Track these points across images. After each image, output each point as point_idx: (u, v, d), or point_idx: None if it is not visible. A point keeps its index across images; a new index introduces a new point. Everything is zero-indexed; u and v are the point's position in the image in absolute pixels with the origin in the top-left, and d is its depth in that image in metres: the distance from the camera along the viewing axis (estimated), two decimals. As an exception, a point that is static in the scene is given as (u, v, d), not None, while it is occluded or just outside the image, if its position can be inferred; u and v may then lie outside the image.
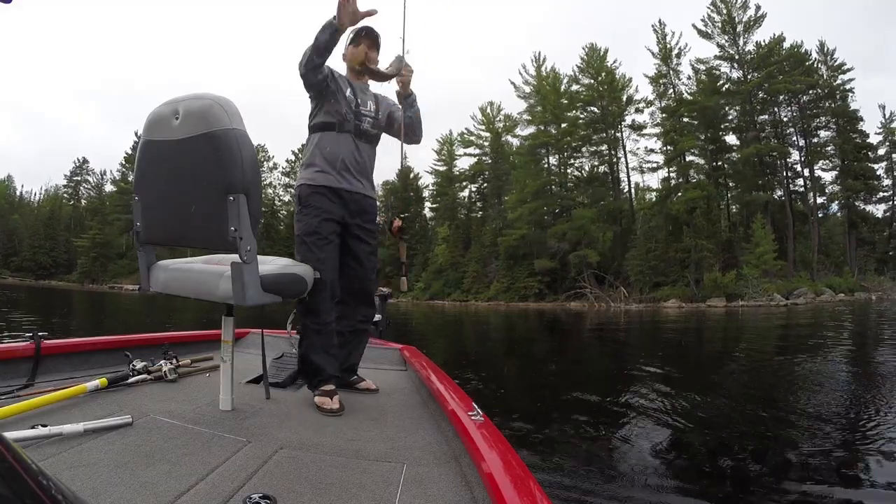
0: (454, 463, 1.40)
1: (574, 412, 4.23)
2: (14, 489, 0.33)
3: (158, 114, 1.49)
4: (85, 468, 1.15)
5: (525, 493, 1.03)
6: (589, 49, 34.06)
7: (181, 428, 1.48)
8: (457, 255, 38.04)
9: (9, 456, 0.34)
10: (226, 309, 1.65)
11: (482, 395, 4.84)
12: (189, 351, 2.59)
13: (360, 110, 2.11)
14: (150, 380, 2.03)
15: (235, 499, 1.07)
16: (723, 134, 31.42)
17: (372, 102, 2.18)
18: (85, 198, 54.95)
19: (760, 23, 29.97)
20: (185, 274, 1.61)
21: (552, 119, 33.26)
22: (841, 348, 8.43)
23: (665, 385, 4.94)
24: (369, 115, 2.14)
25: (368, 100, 2.17)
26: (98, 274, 46.79)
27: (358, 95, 2.12)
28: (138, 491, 1.06)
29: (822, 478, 2.61)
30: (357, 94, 2.12)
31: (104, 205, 50.69)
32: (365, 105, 2.14)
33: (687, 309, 23.44)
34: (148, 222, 1.65)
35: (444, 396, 1.79)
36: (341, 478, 1.24)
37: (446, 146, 43.03)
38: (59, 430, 1.31)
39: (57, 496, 0.36)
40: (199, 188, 1.43)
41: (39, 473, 0.36)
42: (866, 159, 30.67)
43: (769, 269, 25.81)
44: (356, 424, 1.68)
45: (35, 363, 1.95)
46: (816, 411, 3.99)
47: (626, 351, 9.22)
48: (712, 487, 2.62)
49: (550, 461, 3.02)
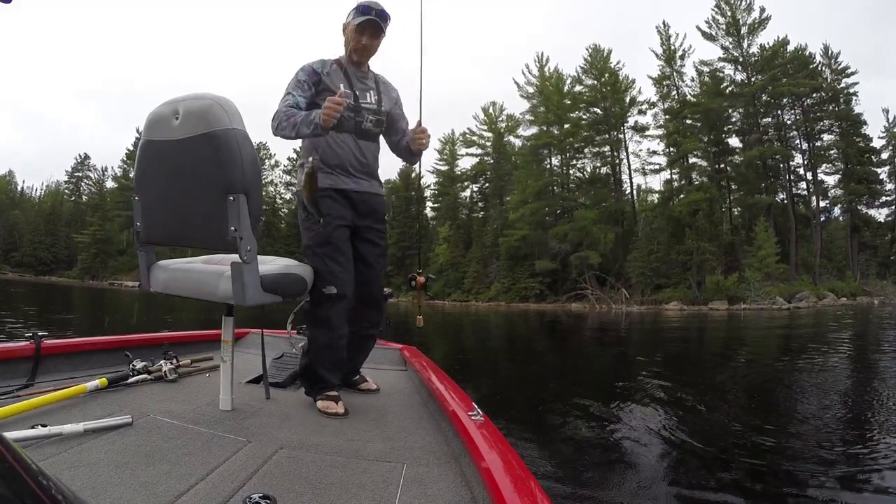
0: (454, 463, 1.40)
1: (574, 413, 4.23)
2: (14, 489, 0.33)
3: (158, 114, 1.49)
4: (85, 468, 1.15)
5: (525, 493, 1.03)
6: (592, 50, 34.10)
7: (181, 428, 1.48)
8: (457, 255, 38.03)
9: (9, 456, 0.34)
10: (226, 309, 1.65)
11: (482, 395, 4.84)
12: (189, 351, 2.59)
13: (361, 104, 1.94)
14: (150, 380, 2.03)
15: (235, 499, 1.07)
16: (725, 137, 31.37)
17: (373, 93, 2.00)
18: (86, 194, 54.81)
19: (765, 25, 29.90)
20: (186, 274, 1.61)
21: (555, 120, 33.22)
22: (846, 353, 8.35)
23: (666, 389, 4.93)
24: (371, 108, 1.97)
25: (369, 90, 2.00)
26: (98, 270, 46.68)
27: (356, 86, 1.95)
28: (138, 491, 1.06)
29: (825, 483, 2.60)
30: (355, 85, 1.95)
31: (105, 201, 50.61)
32: (365, 97, 1.97)
33: (689, 312, 23.36)
34: (148, 222, 1.65)
35: (444, 396, 1.79)
36: (341, 478, 1.24)
37: (448, 146, 43.02)
38: (59, 430, 1.31)
39: (57, 496, 0.36)
40: (200, 188, 1.43)
41: (39, 473, 0.36)
42: (869, 163, 30.56)
43: (771, 273, 25.72)
44: (356, 424, 1.68)
45: (35, 363, 1.95)
46: (821, 419, 3.93)
47: (627, 353, 9.18)
48: (712, 489, 2.62)
49: (551, 461, 3.02)
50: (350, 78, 1.96)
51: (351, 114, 1.89)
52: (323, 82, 1.92)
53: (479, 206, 41.65)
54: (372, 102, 1.97)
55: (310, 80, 1.89)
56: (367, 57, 1.99)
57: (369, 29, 1.92)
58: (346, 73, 1.96)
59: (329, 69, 1.95)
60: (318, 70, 1.92)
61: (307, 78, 1.89)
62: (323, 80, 1.92)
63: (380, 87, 2.03)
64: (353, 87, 1.94)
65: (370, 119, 1.96)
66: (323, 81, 1.92)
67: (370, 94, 1.99)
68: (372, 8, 1.89)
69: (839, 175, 30.82)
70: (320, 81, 1.91)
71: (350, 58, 1.99)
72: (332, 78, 1.94)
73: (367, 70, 2.03)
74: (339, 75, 1.95)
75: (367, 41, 1.93)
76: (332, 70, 1.95)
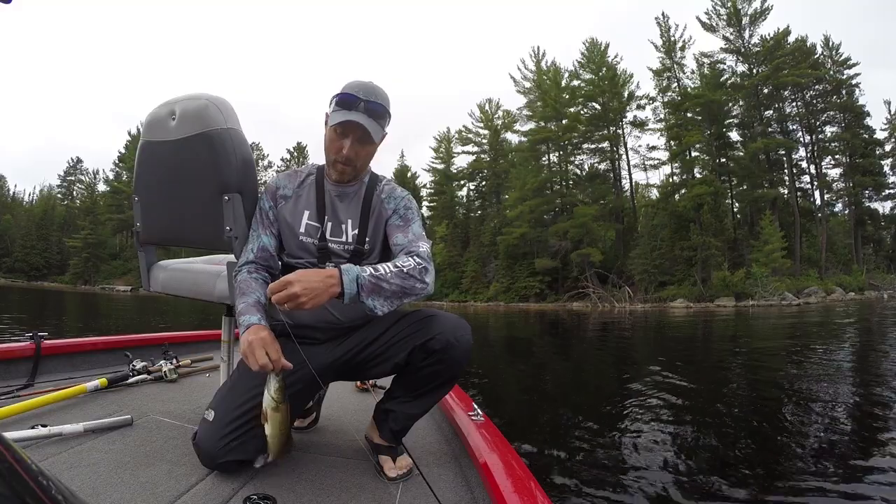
0: (454, 463, 1.41)
1: (575, 413, 4.23)
2: (14, 489, 0.33)
3: (156, 115, 1.49)
4: (85, 468, 1.15)
5: (525, 493, 1.04)
6: (589, 44, 33.97)
7: (181, 428, 1.48)
8: (455, 255, 37.86)
9: (9, 456, 0.34)
10: (225, 309, 1.65)
11: (482, 395, 4.84)
12: (189, 351, 2.60)
13: (329, 244, 1.34)
14: (150, 380, 2.03)
15: (235, 499, 1.07)
16: (726, 130, 31.28)
17: (353, 223, 1.36)
18: (79, 198, 54.53)
19: (766, 15, 29.78)
20: (184, 274, 1.61)
21: (553, 114, 33.04)
22: (870, 351, 7.77)
23: (670, 391, 4.86)
24: (340, 249, 1.35)
25: (346, 220, 1.36)
26: (90, 275, 46.45)
27: (329, 216, 1.36)
28: (138, 491, 1.06)
29: (830, 488, 2.59)
30: (328, 214, 1.36)
31: (96, 205, 50.32)
32: (339, 231, 1.36)
33: (695, 309, 22.78)
34: (148, 222, 1.65)
35: (444, 397, 1.79)
36: (341, 478, 1.24)
37: (444, 144, 42.87)
38: (59, 430, 1.31)
39: (57, 496, 0.36)
40: (196, 188, 1.43)
41: (39, 473, 0.36)
42: (873, 155, 30.40)
43: (778, 268, 25.38)
44: (356, 425, 1.68)
45: (35, 363, 1.96)
46: (842, 425, 3.70)
47: (631, 354, 9.07)
48: (713, 490, 2.62)
49: (551, 461, 3.02)
50: (324, 201, 1.37)
51: (313, 260, 1.34)
52: (280, 210, 1.37)
53: (477, 205, 41.55)
54: (346, 240, 1.35)
55: (275, 205, 1.38)
56: (353, 173, 1.35)
57: (354, 133, 1.28)
58: (319, 193, 1.37)
59: (300, 187, 1.39)
60: (278, 191, 1.38)
61: (269, 205, 1.37)
62: (279, 206, 1.37)
63: (369, 212, 1.37)
64: (322, 217, 1.36)
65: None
66: (280, 209, 1.37)
67: (347, 225, 1.36)
68: (358, 99, 1.26)
69: (842, 168, 30.72)
70: (271, 204, 1.37)
71: (329, 172, 1.37)
72: (296, 203, 1.37)
73: (360, 185, 1.39)
74: (311, 197, 1.38)
75: (351, 151, 1.29)
76: (304, 188, 1.39)
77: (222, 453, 1.15)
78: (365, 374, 1.40)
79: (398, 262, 1.18)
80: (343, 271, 1.09)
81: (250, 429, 1.17)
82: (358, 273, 1.10)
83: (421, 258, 1.22)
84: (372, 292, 1.11)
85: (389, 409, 1.34)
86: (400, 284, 1.14)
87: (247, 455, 1.18)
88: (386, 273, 1.13)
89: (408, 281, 1.16)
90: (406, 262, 1.19)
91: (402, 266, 1.17)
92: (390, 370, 1.32)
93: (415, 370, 1.29)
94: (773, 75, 28.81)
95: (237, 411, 1.18)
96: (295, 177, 1.41)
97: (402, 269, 1.16)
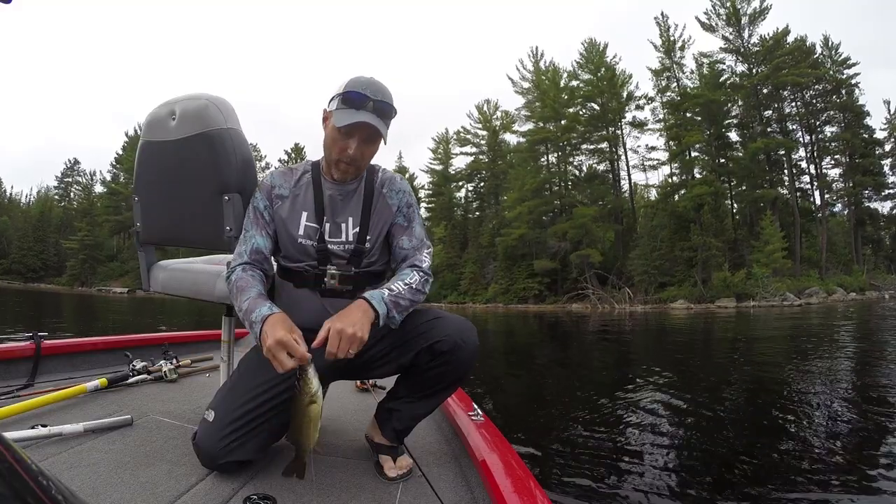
0: (454, 463, 1.41)
1: (575, 414, 4.23)
2: (14, 489, 0.33)
3: (156, 115, 1.49)
4: (85, 468, 1.15)
5: (525, 493, 1.04)
6: (588, 44, 33.96)
7: (181, 428, 1.48)
8: (453, 257, 37.76)
9: (9, 456, 0.34)
10: (225, 309, 1.65)
11: (482, 395, 4.84)
12: (189, 351, 2.60)
13: (329, 245, 1.29)
14: (150, 380, 2.03)
15: (235, 499, 1.07)
16: (726, 130, 31.28)
17: (353, 221, 1.32)
18: (76, 199, 54.33)
19: (765, 15, 29.79)
20: (184, 274, 1.61)
21: (552, 115, 33.00)
22: (875, 352, 7.61)
23: (671, 393, 4.85)
24: (340, 249, 1.30)
25: (346, 219, 1.32)
26: (87, 276, 46.25)
27: (328, 217, 1.31)
28: (138, 491, 1.06)
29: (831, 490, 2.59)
30: (327, 214, 1.31)
31: (93, 206, 50.16)
32: (339, 231, 1.31)
33: (696, 310, 22.70)
34: (148, 223, 1.65)
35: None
36: (341, 478, 1.24)
37: (442, 144, 42.82)
38: (59, 430, 1.31)
39: (57, 496, 0.36)
40: (196, 188, 1.43)
41: (39, 473, 0.36)
42: (873, 155, 30.36)
43: (779, 268, 25.33)
44: (356, 425, 1.68)
45: (35, 363, 1.95)
46: (849, 428, 3.68)
47: (631, 356, 9.03)
48: (714, 491, 2.62)
49: (551, 461, 3.02)
50: (323, 201, 1.32)
51: (313, 262, 1.30)
52: (276, 210, 1.32)
53: (475, 206, 41.49)
54: (345, 239, 1.30)
55: (270, 205, 1.33)
56: (356, 172, 1.31)
57: (360, 132, 1.24)
58: (317, 193, 1.32)
59: (296, 186, 1.34)
60: (273, 191, 1.33)
61: (265, 204, 1.32)
62: (275, 206, 1.32)
63: (370, 208, 1.33)
64: (320, 218, 1.31)
65: (334, 274, 1.29)
66: (276, 210, 1.32)
67: (347, 224, 1.31)
68: (367, 98, 1.20)
69: (842, 168, 30.69)
70: (268, 204, 1.32)
71: (329, 170, 1.32)
72: (293, 203, 1.32)
73: (358, 183, 1.34)
74: (309, 196, 1.33)
75: (357, 151, 1.24)
76: (300, 187, 1.34)
77: (223, 454, 1.15)
78: (368, 374, 1.41)
79: (406, 279, 1.25)
80: (369, 297, 1.16)
81: (251, 429, 1.18)
82: (382, 295, 1.17)
83: (423, 272, 1.30)
84: (394, 307, 1.19)
85: (393, 409, 1.34)
86: (411, 299, 1.24)
87: (247, 455, 1.18)
88: (401, 291, 1.21)
89: (417, 296, 1.25)
90: (412, 277, 1.26)
91: (411, 283, 1.25)
92: (394, 371, 1.33)
93: (420, 371, 1.29)
94: (773, 75, 28.83)
95: (238, 412, 1.18)
96: (290, 175, 1.35)
97: (412, 287, 1.24)
